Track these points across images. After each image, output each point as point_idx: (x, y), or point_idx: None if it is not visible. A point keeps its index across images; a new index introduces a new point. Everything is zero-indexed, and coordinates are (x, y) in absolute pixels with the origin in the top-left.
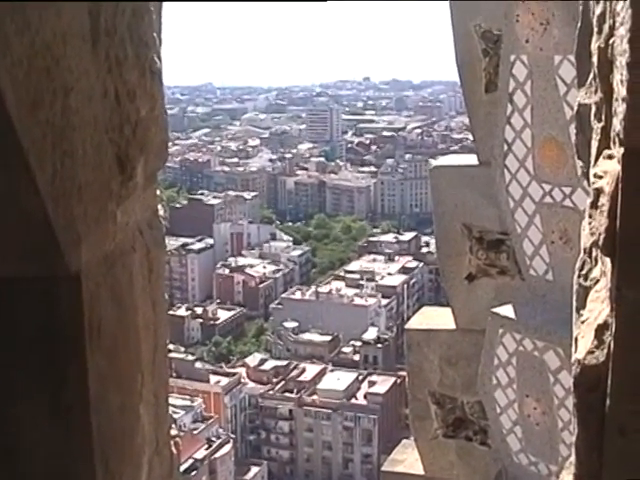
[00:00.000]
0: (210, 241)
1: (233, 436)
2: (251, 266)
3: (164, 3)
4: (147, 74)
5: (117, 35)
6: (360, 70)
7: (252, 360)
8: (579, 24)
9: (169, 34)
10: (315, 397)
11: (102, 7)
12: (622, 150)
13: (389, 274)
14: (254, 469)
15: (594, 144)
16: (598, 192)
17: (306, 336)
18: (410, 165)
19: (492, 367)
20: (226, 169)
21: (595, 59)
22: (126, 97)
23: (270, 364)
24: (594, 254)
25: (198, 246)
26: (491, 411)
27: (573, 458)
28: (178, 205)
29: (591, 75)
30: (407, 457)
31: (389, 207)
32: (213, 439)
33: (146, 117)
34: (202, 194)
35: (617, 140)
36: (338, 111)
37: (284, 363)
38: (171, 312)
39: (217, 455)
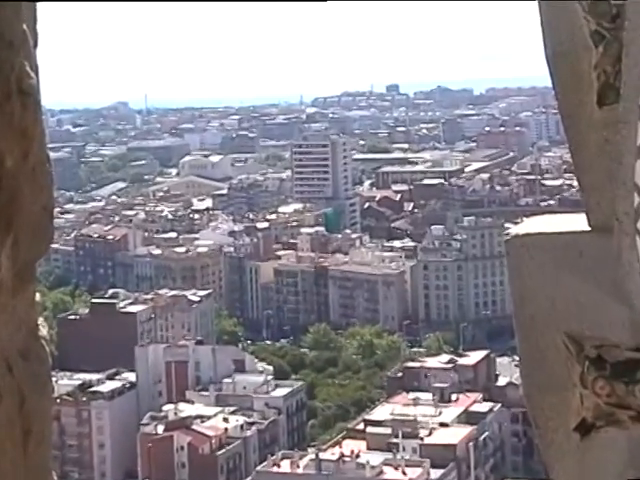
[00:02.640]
0: (131, 377)
1: None
2: (203, 419)
3: None
4: (14, 95)
5: None
6: (381, 73)
7: None
8: None
9: (50, 28)
10: None
11: None
12: None
13: (442, 425)
14: None
15: None
16: None
17: None
18: (473, 235)
19: None
20: (156, 252)
21: None
22: None
23: None
24: None
25: (110, 387)
26: None
27: None
28: (74, 317)
29: None
30: None
31: (439, 309)
32: None
33: (14, 170)
34: (115, 296)
35: None
36: (346, 145)
37: None
38: None
39: None
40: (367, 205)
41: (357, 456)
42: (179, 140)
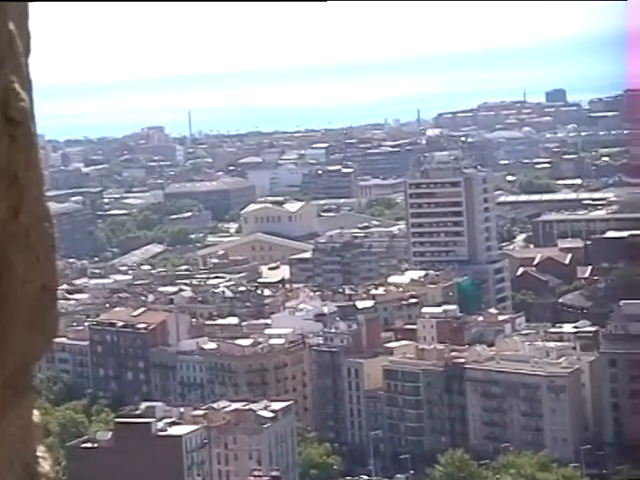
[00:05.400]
0: None
1: None
2: None
3: None
4: None
5: None
6: (536, 73)
7: None
8: None
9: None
10: None
11: None
12: None
13: None
14: None
15: None
16: None
17: None
18: None
19: None
20: (208, 346)
21: None
22: None
23: None
24: None
25: None
26: None
27: None
28: (90, 444)
29: None
30: None
31: (637, 426)
32: None
33: (0, 234)
34: (150, 412)
35: None
36: (487, 183)
37: None
38: None
39: None
40: (521, 271)
41: None
42: (240, 181)
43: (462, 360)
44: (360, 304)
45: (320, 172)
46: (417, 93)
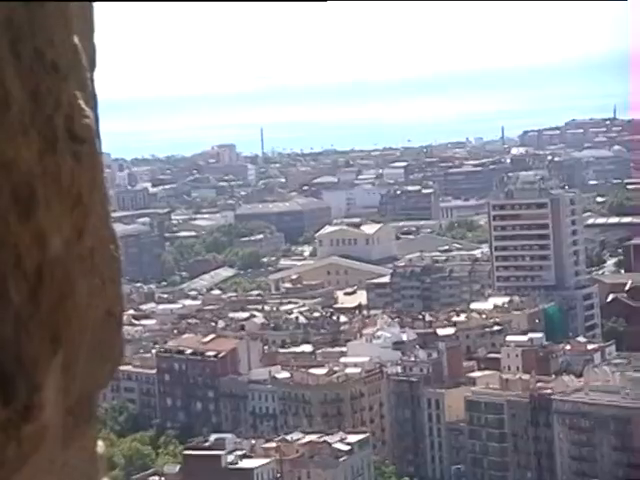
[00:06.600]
0: None
1: None
2: None
3: None
4: (61, 144)
5: None
6: (625, 86)
7: None
8: None
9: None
10: None
11: None
12: None
13: None
14: None
15: None
16: None
17: None
18: None
19: None
20: (281, 375)
21: None
22: (12, 207)
23: None
24: None
25: None
26: None
27: None
28: (157, 478)
29: None
30: None
31: None
32: None
33: (63, 257)
34: (220, 445)
35: None
36: (575, 204)
37: None
38: None
39: None
40: (612, 297)
41: None
42: (314, 202)
43: (549, 391)
44: (441, 331)
45: (399, 192)
46: (501, 110)
